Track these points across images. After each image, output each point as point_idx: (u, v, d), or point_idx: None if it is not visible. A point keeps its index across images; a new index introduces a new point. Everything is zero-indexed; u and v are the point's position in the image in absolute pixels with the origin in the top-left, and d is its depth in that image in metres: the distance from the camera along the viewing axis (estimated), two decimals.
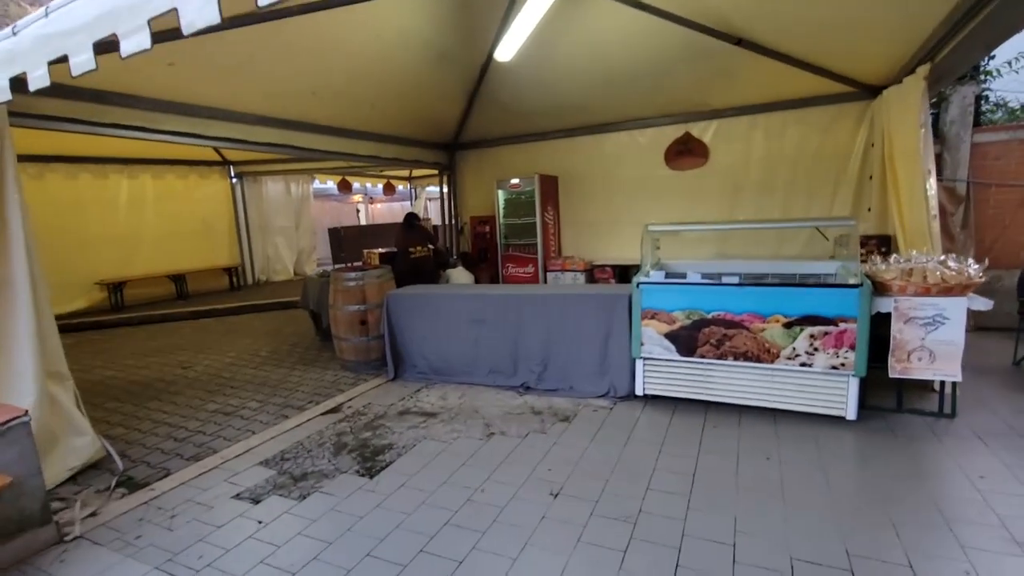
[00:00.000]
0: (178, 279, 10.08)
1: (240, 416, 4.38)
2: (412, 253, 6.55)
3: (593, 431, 3.71)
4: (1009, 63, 5.78)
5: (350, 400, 4.59)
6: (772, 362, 3.63)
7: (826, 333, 3.45)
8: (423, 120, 6.97)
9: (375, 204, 20.07)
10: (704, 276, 4.04)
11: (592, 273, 7.11)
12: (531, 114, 6.89)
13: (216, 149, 9.95)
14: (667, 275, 4.20)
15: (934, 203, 4.00)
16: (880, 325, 3.46)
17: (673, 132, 6.58)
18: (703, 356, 3.83)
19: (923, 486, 2.84)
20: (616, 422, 3.84)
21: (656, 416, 3.91)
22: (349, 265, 6.56)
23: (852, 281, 3.42)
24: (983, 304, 3.27)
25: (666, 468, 3.15)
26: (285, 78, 4.83)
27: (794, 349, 3.55)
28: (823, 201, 5.94)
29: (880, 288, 3.47)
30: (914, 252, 3.58)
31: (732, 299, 3.70)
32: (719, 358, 3.79)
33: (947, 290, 3.28)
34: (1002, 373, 4.47)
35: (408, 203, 16.42)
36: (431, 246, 6.80)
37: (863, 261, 3.92)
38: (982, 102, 6.14)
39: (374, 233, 9.27)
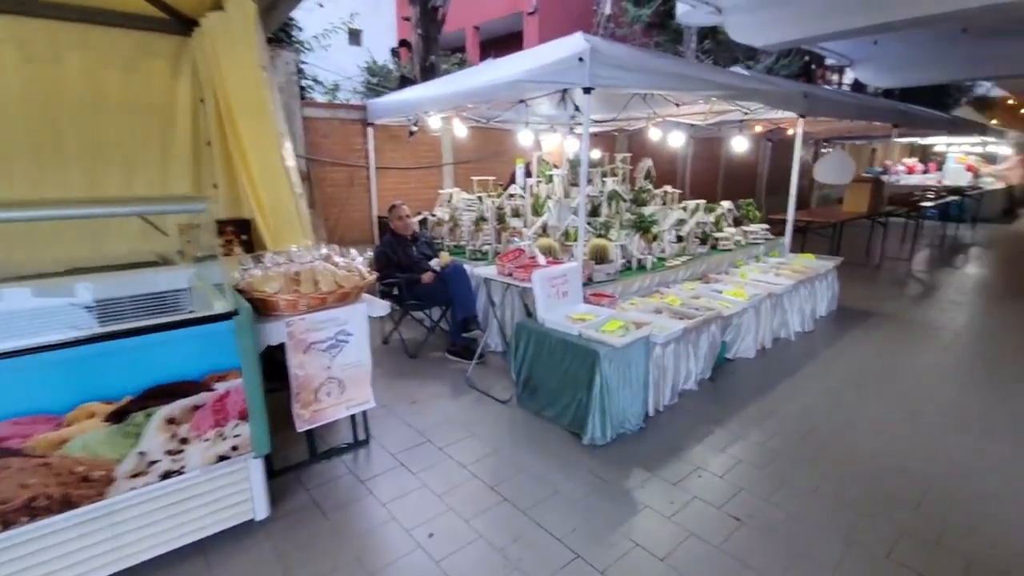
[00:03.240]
0: None
1: None
2: None
3: None
4: (316, 37, 5.76)
5: None
6: (104, 495, 1.79)
7: (196, 408, 1.94)
8: None
9: None
10: None
11: None
12: None
13: None
14: None
15: (296, 176, 3.13)
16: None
17: None
18: None
19: None
20: None
21: None
22: None
23: (220, 308, 2.03)
24: (381, 308, 2.65)
25: None
26: None
27: (143, 456, 1.85)
28: (152, 173, 4.17)
29: (263, 308, 2.25)
30: (294, 247, 2.56)
31: None
32: None
33: (344, 296, 2.45)
34: (379, 355, 4.39)
35: None
36: None
37: (227, 254, 2.62)
38: (302, 74, 5.99)
39: None
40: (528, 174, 5.32)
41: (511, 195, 5.15)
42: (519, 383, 3.37)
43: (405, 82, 6.83)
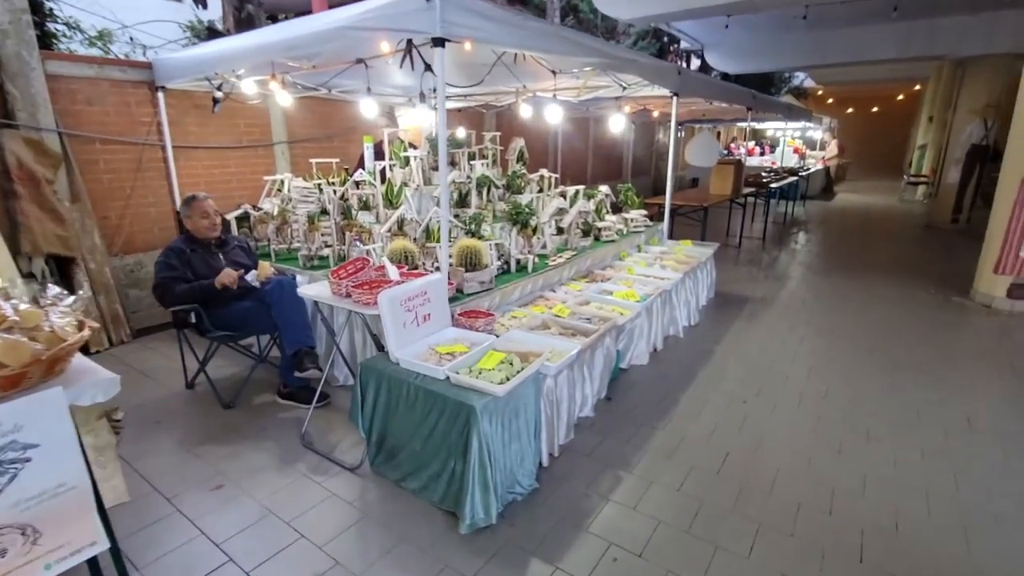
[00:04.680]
0: None
1: None
2: None
3: None
4: None
5: None
6: None
7: None
8: None
9: None
10: None
11: None
12: None
13: None
14: None
15: None
16: None
17: None
18: None
19: None
20: None
21: None
22: None
23: None
24: (102, 387, 1.57)
25: None
26: None
27: None
28: None
29: None
30: None
31: None
32: None
33: (14, 381, 1.36)
34: (179, 406, 3.19)
35: None
36: None
37: None
38: (47, 16, 4.27)
39: None
40: (380, 155, 4.33)
41: (358, 182, 4.12)
42: (371, 443, 2.48)
43: (215, 36, 5.34)
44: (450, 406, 2.10)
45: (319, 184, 4.32)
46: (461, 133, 5.23)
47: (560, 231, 4.30)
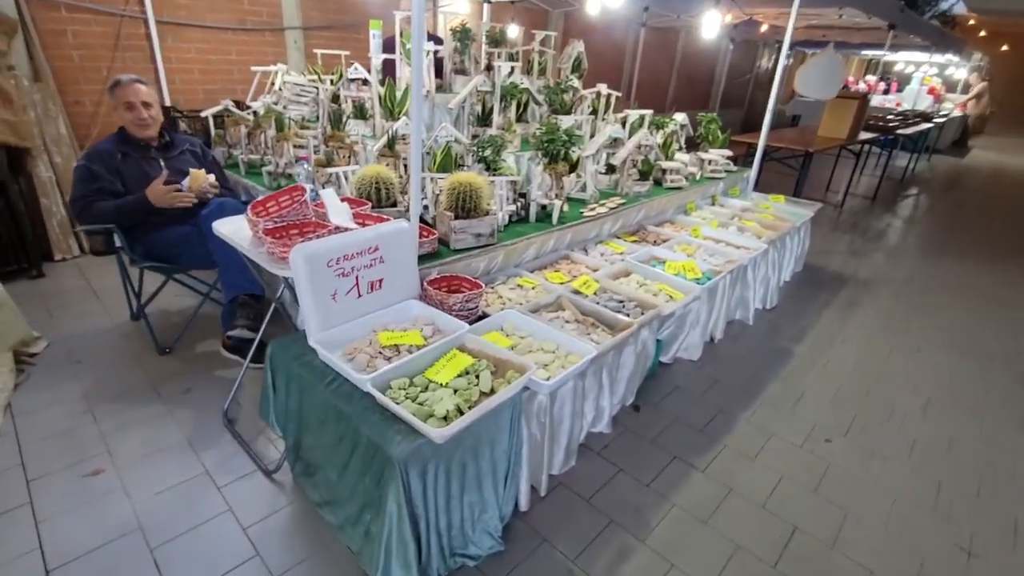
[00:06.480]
0: None
1: None
2: None
3: None
4: None
5: None
6: None
7: None
8: None
9: None
10: None
11: None
12: None
13: None
14: None
15: None
16: None
17: None
18: None
19: None
20: None
21: None
22: None
23: None
24: None
25: None
26: None
27: None
28: None
29: None
30: None
31: None
32: None
33: None
34: (112, 343, 2.65)
35: None
36: None
37: None
38: None
39: None
40: (390, 49, 3.39)
41: (355, 80, 3.23)
42: (289, 447, 1.82)
43: None
44: (363, 443, 1.35)
45: (314, 81, 3.47)
46: (513, 31, 4.16)
47: (611, 169, 3.30)
